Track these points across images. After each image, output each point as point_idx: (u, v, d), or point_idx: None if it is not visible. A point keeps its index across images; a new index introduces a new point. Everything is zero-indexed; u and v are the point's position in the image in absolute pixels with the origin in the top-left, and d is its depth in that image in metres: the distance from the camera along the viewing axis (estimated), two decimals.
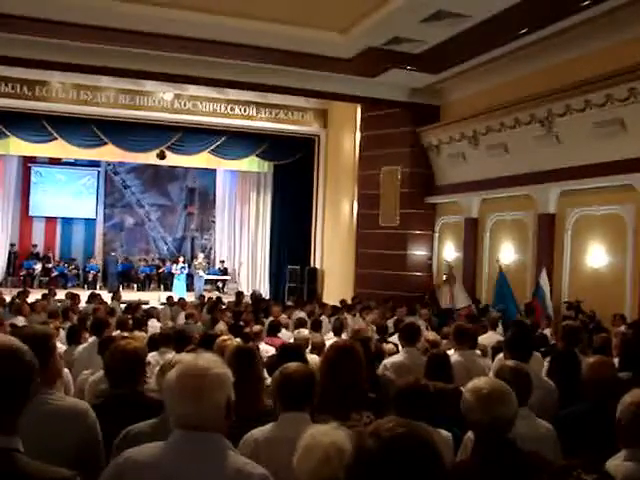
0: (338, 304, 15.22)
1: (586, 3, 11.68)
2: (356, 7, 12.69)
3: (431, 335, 7.97)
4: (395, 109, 18.17)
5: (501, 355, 5.48)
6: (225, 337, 6.50)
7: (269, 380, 4.30)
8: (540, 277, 13.55)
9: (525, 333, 5.61)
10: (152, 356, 6.27)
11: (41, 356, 2.95)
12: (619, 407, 3.24)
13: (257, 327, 8.99)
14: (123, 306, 14.12)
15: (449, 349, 6.85)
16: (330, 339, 8.14)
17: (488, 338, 8.82)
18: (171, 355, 5.78)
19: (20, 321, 10.04)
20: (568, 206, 13.75)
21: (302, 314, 12.85)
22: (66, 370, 5.68)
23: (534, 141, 13.94)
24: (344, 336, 9.05)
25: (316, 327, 10.17)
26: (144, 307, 14.17)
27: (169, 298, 16.02)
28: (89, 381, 5.36)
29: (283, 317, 12.20)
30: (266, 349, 7.48)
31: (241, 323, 10.29)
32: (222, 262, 25.62)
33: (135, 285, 24.60)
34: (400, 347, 7.09)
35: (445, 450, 3.54)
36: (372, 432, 1.78)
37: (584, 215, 13.41)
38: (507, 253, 15.50)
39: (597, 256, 12.97)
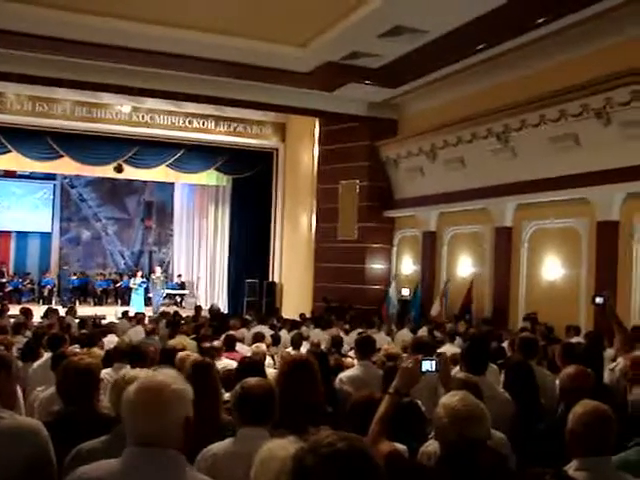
0: (297, 318, 15.18)
1: (540, 21, 11.89)
2: (315, 22, 12.73)
3: (392, 348, 7.97)
4: (354, 123, 18.24)
5: (457, 368, 5.50)
6: (187, 352, 6.43)
7: (227, 395, 4.27)
8: (390, 287, 17.32)
9: (480, 345, 5.63)
10: (106, 372, 6.16)
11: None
12: (570, 417, 3.26)
13: (217, 343, 8.91)
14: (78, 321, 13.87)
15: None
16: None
17: (445, 351, 8.83)
18: (126, 370, 5.69)
19: None
20: (524, 219, 13.93)
21: (262, 328, 12.79)
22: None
23: (491, 155, 14.11)
24: (303, 350, 9.03)
25: (276, 341, 10.14)
26: (101, 322, 13.94)
27: (125, 313, 15.85)
28: (40, 398, 5.25)
29: (243, 331, 12.15)
30: (230, 363, 7.40)
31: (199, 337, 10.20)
32: (179, 276, 25.45)
33: (92, 300, 24.28)
34: (356, 360, 7.09)
35: None
36: (310, 448, 1.70)
37: (540, 228, 13.59)
38: (465, 266, 15.63)
39: (552, 269, 13.16)
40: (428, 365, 3.62)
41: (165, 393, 2.35)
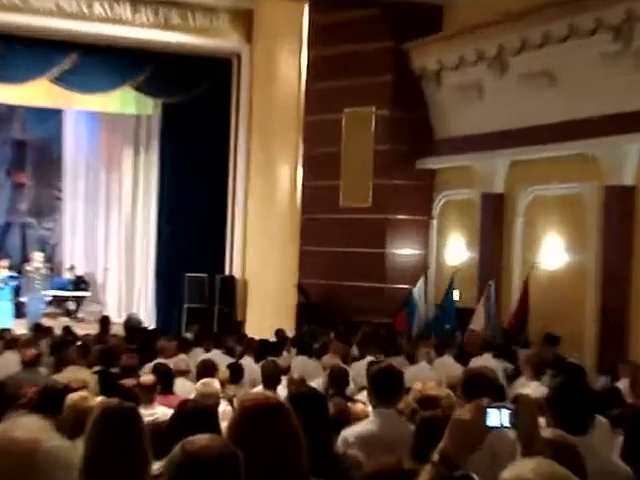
0: (272, 337, 15.24)
1: None
2: None
3: (429, 388, 7.97)
4: (367, 10, 18.18)
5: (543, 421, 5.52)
6: (83, 393, 6.41)
7: (157, 465, 4.26)
8: (416, 285, 17.71)
9: (579, 385, 5.64)
10: None
11: None
12: None
13: (149, 378, 8.96)
14: None
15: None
16: None
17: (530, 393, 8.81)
18: None
19: None
20: None
21: (213, 354, 12.84)
22: None
23: (601, 63, 14.07)
24: (281, 389, 9.07)
25: (237, 375, 10.17)
26: None
27: None
28: None
29: (183, 359, 12.19)
30: (164, 413, 7.43)
31: (114, 370, 10.23)
32: (73, 268, 25.44)
33: None
34: (370, 408, 7.10)
35: None
36: None
37: None
38: (552, 250, 15.62)
39: None
40: (498, 416, 3.57)
41: (35, 457, 2.31)
